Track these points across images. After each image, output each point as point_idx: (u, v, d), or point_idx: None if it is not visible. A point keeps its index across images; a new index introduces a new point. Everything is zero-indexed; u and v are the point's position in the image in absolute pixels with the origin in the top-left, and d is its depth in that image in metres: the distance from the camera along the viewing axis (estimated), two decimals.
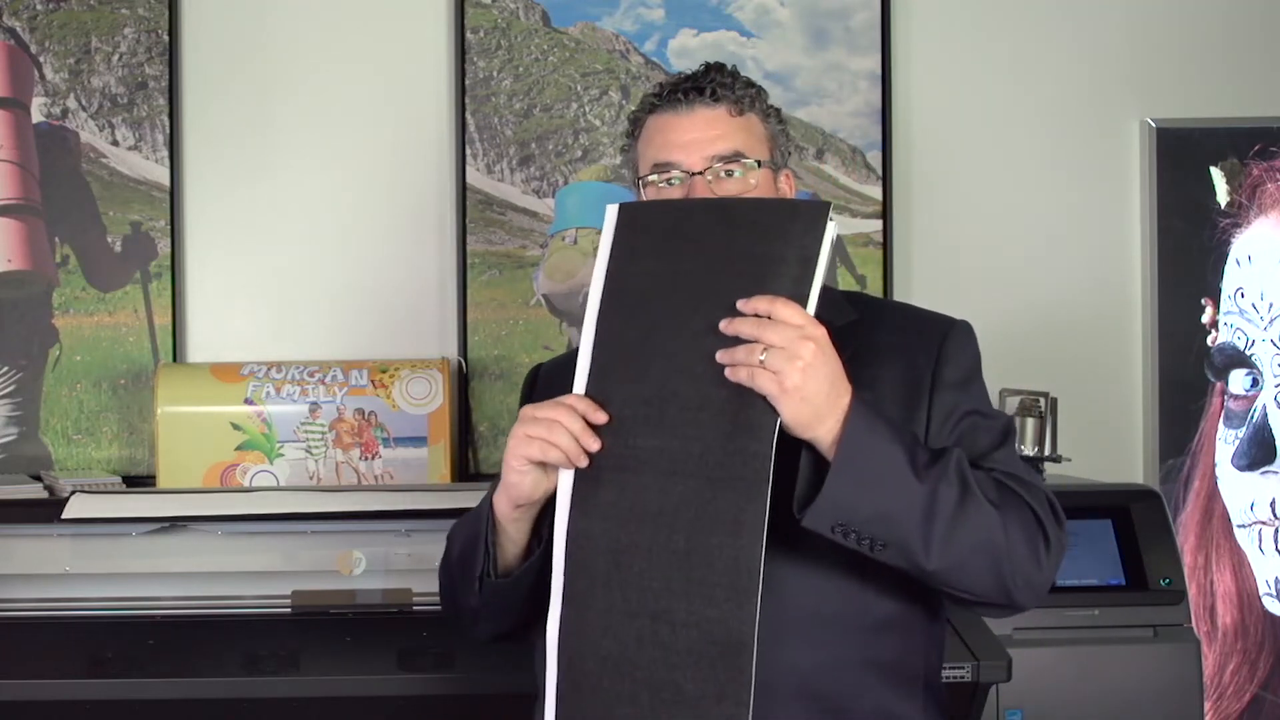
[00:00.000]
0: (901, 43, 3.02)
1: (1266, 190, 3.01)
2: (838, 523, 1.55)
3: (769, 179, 1.77)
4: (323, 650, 2.27)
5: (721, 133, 1.74)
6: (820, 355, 1.53)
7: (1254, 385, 2.98)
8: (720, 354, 1.54)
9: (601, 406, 1.60)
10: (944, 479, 1.56)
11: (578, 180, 2.98)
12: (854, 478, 1.53)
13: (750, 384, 1.53)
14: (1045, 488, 1.68)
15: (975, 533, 1.58)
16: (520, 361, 2.93)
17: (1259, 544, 2.98)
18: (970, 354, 1.75)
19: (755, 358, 1.52)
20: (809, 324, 1.53)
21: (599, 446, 1.59)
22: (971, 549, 1.58)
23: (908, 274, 2.97)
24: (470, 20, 2.95)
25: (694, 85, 1.76)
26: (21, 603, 2.34)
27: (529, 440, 1.63)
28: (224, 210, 2.93)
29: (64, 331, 2.89)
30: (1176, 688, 2.41)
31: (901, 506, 1.55)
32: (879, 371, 1.68)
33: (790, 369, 1.51)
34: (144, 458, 2.86)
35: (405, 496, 2.48)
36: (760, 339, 1.52)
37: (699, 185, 1.73)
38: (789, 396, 1.52)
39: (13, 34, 2.90)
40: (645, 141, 1.79)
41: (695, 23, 2.99)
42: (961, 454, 1.60)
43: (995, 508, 1.59)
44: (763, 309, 1.53)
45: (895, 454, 1.55)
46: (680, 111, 1.76)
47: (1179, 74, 3.05)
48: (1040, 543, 1.63)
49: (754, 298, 1.54)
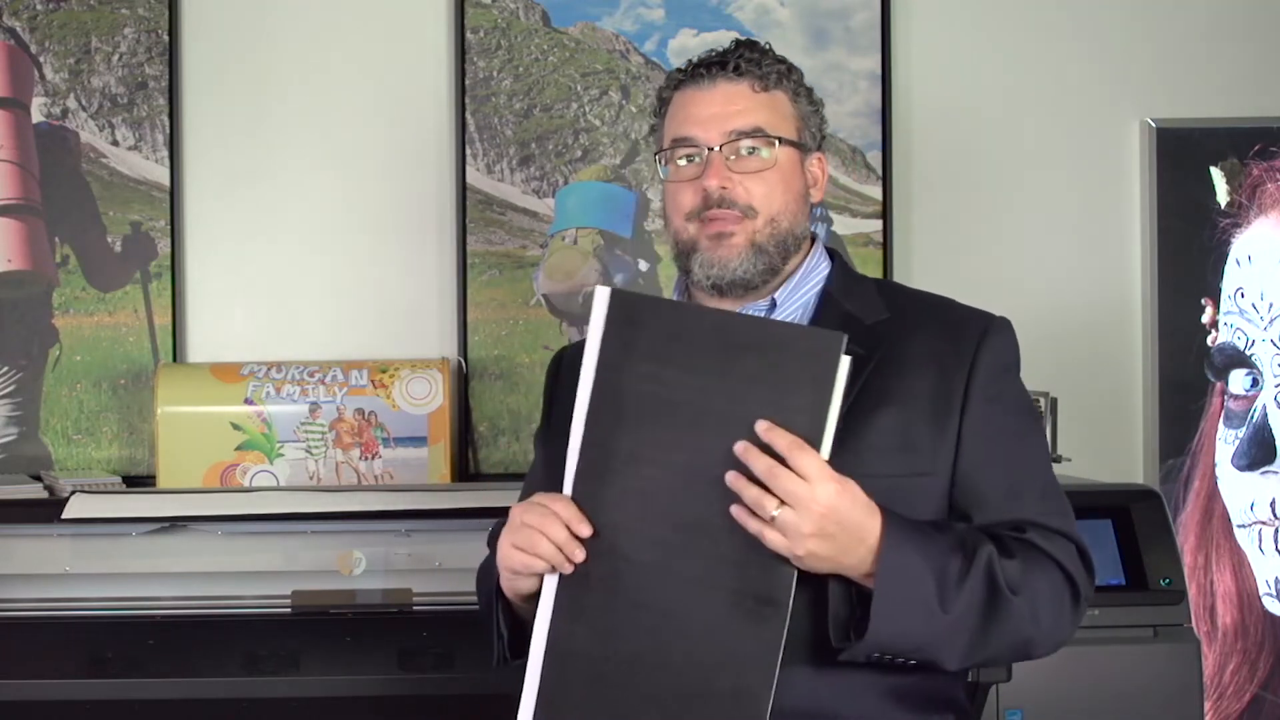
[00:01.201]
0: (901, 43, 3.02)
1: (1266, 190, 3.01)
2: (875, 654, 1.55)
3: (794, 159, 1.73)
4: (323, 650, 2.27)
5: (742, 108, 1.71)
6: (833, 516, 1.50)
7: (1254, 385, 2.98)
8: (734, 508, 1.50)
9: (590, 512, 1.56)
10: (974, 591, 1.56)
11: (578, 180, 2.98)
12: (891, 617, 1.52)
13: (759, 536, 1.49)
14: (1075, 532, 1.67)
15: (1006, 634, 1.59)
16: (520, 361, 2.93)
17: (1259, 544, 2.98)
18: (1008, 358, 1.71)
19: (767, 512, 1.49)
20: (821, 480, 1.49)
21: (584, 557, 1.56)
22: (1002, 646, 1.61)
23: (908, 274, 2.97)
24: (470, 20, 2.95)
25: (719, 60, 1.73)
26: (21, 603, 2.34)
27: (514, 551, 1.60)
28: (224, 210, 2.93)
29: (64, 331, 2.89)
30: (1176, 688, 2.41)
31: (936, 634, 1.55)
32: (911, 383, 1.65)
33: (800, 539, 1.49)
34: (144, 458, 2.86)
35: (405, 496, 2.48)
36: (772, 486, 1.48)
37: (715, 162, 1.69)
38: (801, 560, 1.51)
39: (13, 34, 2.89)
40: (669, 118, 1.76)
41: (695, 23, 2.99)
42: (992, 552, 1.58)
43: (1025, 597, 1.58)
44: (781, 446, 1.49)
45: (928, 583, 1.54)
46: (703, 86, 1.72)
47: (1179, 74, 3.05)
48: (1068, 603, 1.64)
49: (773, 429, 1.49)
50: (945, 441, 1.65)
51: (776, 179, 1.71)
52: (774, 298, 1.74)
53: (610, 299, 1.57)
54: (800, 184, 1.75)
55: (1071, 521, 1.68)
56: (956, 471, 1.65)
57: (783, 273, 1.74)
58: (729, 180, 1.69)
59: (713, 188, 1.69)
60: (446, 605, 2.30)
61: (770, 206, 1.71)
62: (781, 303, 1.74)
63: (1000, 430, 1.67)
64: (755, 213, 1.70)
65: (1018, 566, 1.59)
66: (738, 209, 1.69)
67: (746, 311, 1.72)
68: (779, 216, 1.71)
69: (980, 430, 1.65)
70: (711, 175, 1.69)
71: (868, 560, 1.53)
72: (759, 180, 1.70)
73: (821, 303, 1.75)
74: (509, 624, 1.73)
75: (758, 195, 1.70)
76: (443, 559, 2.36)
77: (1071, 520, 1.68)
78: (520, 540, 1.59)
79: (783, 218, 1.71)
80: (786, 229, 1.72)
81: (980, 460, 1.65)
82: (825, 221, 2.97)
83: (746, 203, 1.70)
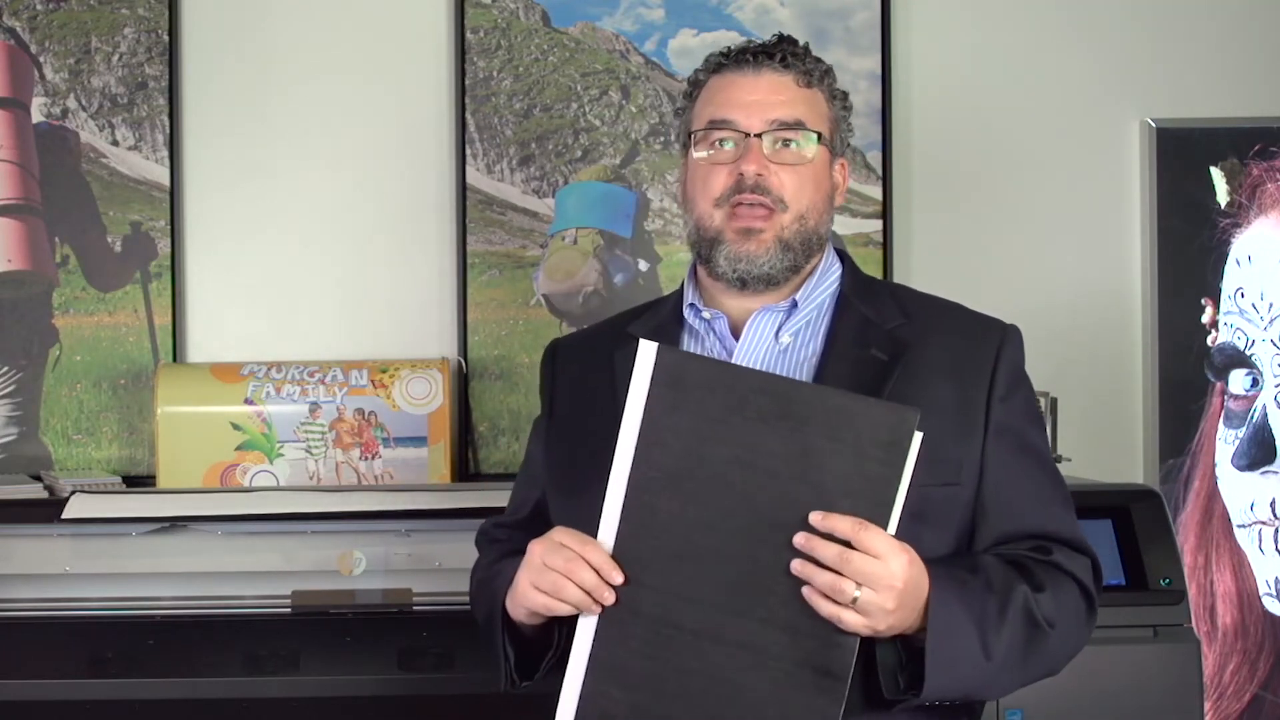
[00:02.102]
0: (901, 43, 3.01)
1: (1266, 190, 3.01)
2: (925, 703, 1.57)
3: (826, 159, 1.73)
4: (323, 650, 2.27)
5: (787, 99, 1.70)
6: (909, 589, 1.49)
7: (1254, 385, 2.98)
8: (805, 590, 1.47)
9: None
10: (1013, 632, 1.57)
11: (578, 180, 2.98)
12: (943, 672, 1.53)
13: (835, 620, 1.47)
14: (1087, 544, 1.69)
15: (1040, 666, 1.63)
16: (520, 361, 2.93)
17: (1259, 544, 2.98)
18: (1021, 365, 1.72)
19: (847, 596, 1.46)
20: (894, 555, 1.47)
21: (614, 601, 1.51)
22: (1035, 675, 1.65)
23: (908, 274, 2.97)
24: (470, 20, 2.95)
25: (764, 50, 1.72)
26: (21, 603, 2.34)
27: (535, 593, 1.57)
28: (224, 210, 2.93)
29: (64, 331, 2.88)
30: (1176, 688, 2.41)
31: (981, 679, 1.57)
32: (933, 393, 1.64)
33: (881, 616, 1.48)
34: (144, 458, 2.86)
35: (405, 496, 2.48)
36: (845, 573, 1.45)
37: (755, 148, 1.68)
38: (879, 634, 1.50)
39: (13, 34, 2.89)
40: (705, 100, 1.74)
41: (695, 23, 2.99)
42: (1026, 592, 1.59)
43: (1057, 630, 1.60)
44: (844, 531, 1.46)
45: (972, 635, 1.55)
46: (747, 72, 1.71)
47: (1179, 74, 3.05)
48: (1084, 617, 1.67)
49: (829, 517, 1.46)
50: (970, 453, 1.65)
51: (809, 175, 1.70)
52: (794, 299, 1.74)
53: (657, 358, 1.51)
54: (829, 185, 1.75)
55: (1086, 542, 1.70)
56: (983, 483, 1.66)
57: (803, 271, 1.74)
58: (766, 168, 1.68)
59: (750, 172, 1.68)
60: (446, 605, 2.30)
61: (800, 202, 1.70)
62: (801, 303, 1.74)
63: (1021, 443, 1.68)
64: (786, 207, 1.69)
65: (1050, 600, 1.61)
66: (770, 198, 1.68)
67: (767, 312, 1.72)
68: (808, 213, 1.71)
69: (1002, 443, 1.67)
70: (751, 160, 1.68)
71: (918, 616, 1.53)
72: (793, 174, 1.69)
73: (838, 305, 1.74)
74: (514, 644, 1.71)
75: (790, 188, 1.69)
76: (443, 559, 2.36)
77: (1086, 542, 1.70)
78: (544, 583, 1.56)
79: (811, 215, 1.71)
80: (813, 227, 1.72)
81: (1004, 473, 1.66)
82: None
83: (779, 194, 1.69)
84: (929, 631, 1.53)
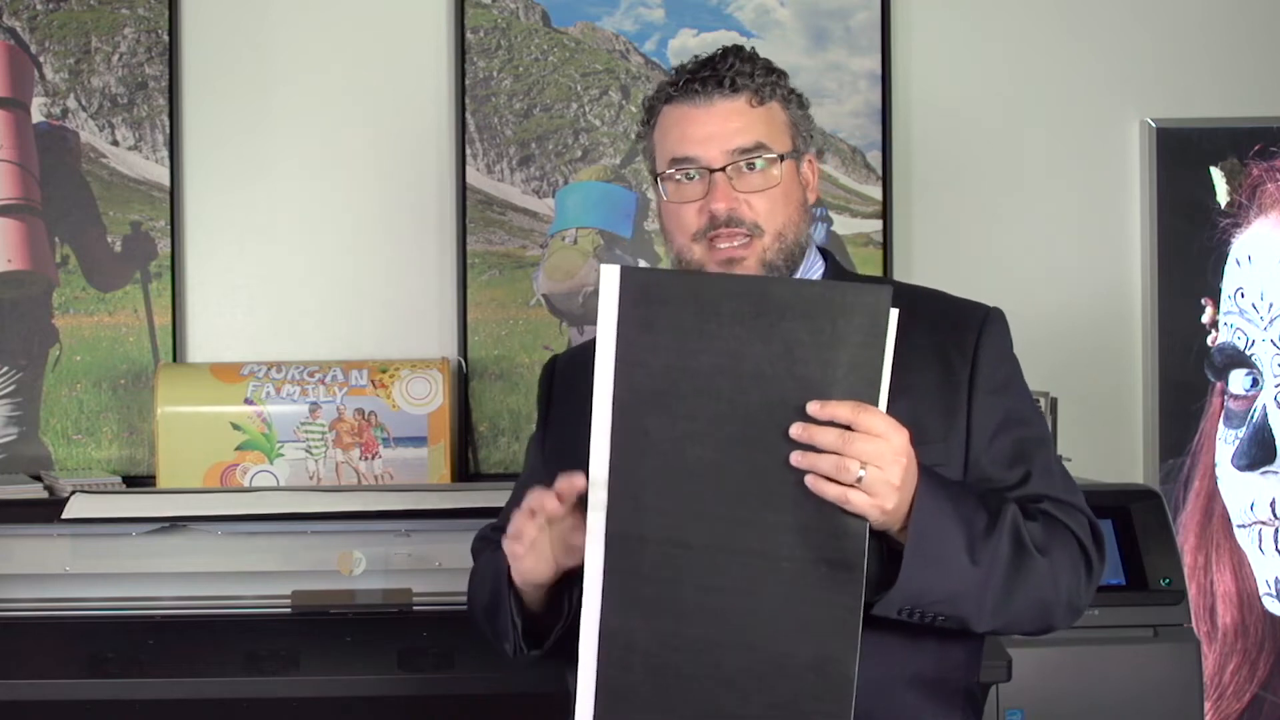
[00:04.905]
0: (901, 43, 3.01)
1: (1266, 190, 3.01)
2: (905, 607, 1.55)
3: (792, 170, 1.72)
4: (323, 650, 2.27)
5: (742, 125, 1.69)
6: (910, 464, 1.49)
7: (1254, 385, 2.98)
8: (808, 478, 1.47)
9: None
10: (1000, 545, 1.56)
11: (578, 180, 2.98)
12: (923, 566, 1.52)
13: (841, 503, 1.47)
14: (1085, 507, 1.68)
15: (1030, 592, 1.59)
16: (520, 361, 2.93)
17: (1259, 544, 2.98)
18: (1006, 346, 1.73)
19: (852, 474, 1.46)
20: (894, 432, 1.48)
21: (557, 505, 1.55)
22: (1025, 606, 1.60)
23: (907, 274, 2.97)
24: (470, 20, 2.95)
25: (713, 75, 1.70)
26: (21, 603, 2.34)
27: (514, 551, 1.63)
28: (224, 210, 2.93)
29: (64, 331, 2.88)
30: (1176, 688, 2.41)
31: (965, 586, 1.55)
32: (916, 378, 1.64)
33: (889, 493, 1.47)
34: (144, 458, 2.86)
35: (405, 496, 2.48)
36: (848, 454, 1.46)
37: (720, 184, 1.67)
38: (887, 514, 1.49)
39: (13, 34, 2.89)
40: (662, 133, 1.73)
41: (695, 23, 2.99)
42: (1016, 512, 1.59)
43: (1047, 558, 1.59)
44: (843, 416, 1.46)
45: (958, 535, 1.54)
46: (698, 104, 1.69)
47: (1179, 74, 3.05)
48: (1084, 574, 1.65)
49: (827, 405, 1.46)
50: (955, 433, 1.66)
51: (779, 195, 1.70)
52: None
53: (621, 277, 1.50)
54: (800, 193, 1.75)
55: (1081, 497, 1.69)
56: (968, 460, 1.67)
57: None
58: (734, 201, 1.68)
59: (720, 210, 1.68)
60: (446, 605, 2.30)
61: (775, 222, 1.70)
62: None
63: (1005, 416, 1.68)
64: (762, 231, 1.69)
65: (1040, 529, 1.61)
66: (745, 227, 1.68)
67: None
68: (785, 230, 1.71)
69: (986, 419, 1.67)
70: (718, 198, 1.68)
71: (906, 514, 1.52)
72: (764, 198, 1.69)
73: None
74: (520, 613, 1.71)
75: (763, 212, 1.69)
76: (443, 559, 2.36)
77: (1080, 496, 1.69)
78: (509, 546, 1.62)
79: (789, 231, 1.71)
80: (793, 241, 1.72)
81: (988, 447, 1.67)
82: (825, 221, 2.97)
83: (753, 221, 1.69)
84: (913, 520, 1.52)
